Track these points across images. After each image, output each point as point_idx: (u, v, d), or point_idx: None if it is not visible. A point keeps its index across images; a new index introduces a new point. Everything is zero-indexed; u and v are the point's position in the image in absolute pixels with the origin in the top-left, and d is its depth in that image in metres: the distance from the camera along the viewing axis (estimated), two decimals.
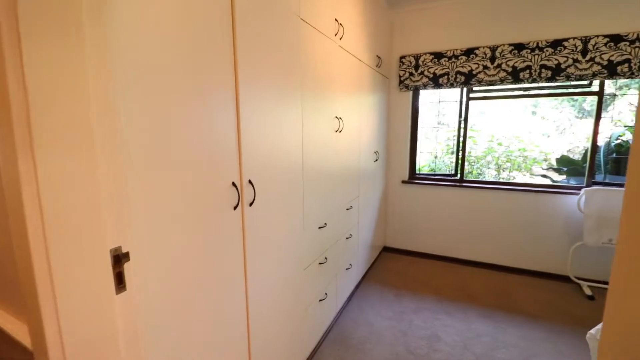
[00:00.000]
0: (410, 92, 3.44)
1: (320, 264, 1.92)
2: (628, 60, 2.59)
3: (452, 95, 3.58)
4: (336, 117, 2.03)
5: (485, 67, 3.02)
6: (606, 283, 2.84)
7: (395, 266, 3.33)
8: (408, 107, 3.47)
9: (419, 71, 3.28)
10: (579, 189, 2.89)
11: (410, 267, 3.31)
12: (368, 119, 2.78)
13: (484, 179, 4.49)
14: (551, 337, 2.17)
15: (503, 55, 2.95)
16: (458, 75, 3.12)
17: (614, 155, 3.71)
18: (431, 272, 3.19)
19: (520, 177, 4.73)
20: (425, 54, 3.23)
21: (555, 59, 2.79)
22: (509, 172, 4.89)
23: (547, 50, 2.80)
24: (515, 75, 2.93)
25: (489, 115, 4.91)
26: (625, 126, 3.84)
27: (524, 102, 4.91)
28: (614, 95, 4.30)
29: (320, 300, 1.97)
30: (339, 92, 2.08)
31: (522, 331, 2.24)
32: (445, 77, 3.17)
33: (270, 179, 1.36)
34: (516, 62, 2.91)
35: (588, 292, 2.72)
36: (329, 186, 2.01)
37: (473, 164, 4.97)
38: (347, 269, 2.44)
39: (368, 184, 2.91)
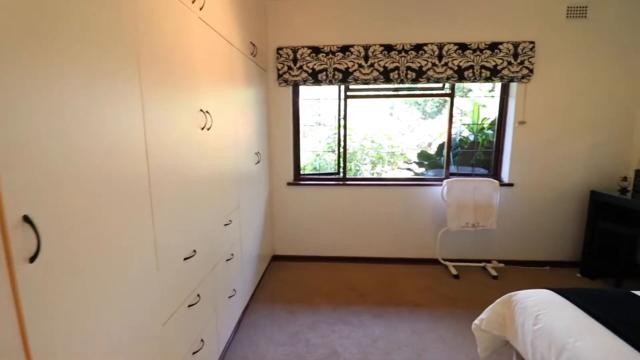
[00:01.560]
0: (291, 88, 3.20)
1: (190, 305, 1.44)
2: (472, 67, 2.98)
3: (328, 93, 3.52)
4: (201, 110, 1.56)
5: (360, 65, 3.03)
6: (465, 261, 3.28)
7: (286, 276, 3.05)
8: (289, 103, 3.22)
9: (298, 65, 3.07)
10: (441, 180, 3.23)
11: (302, 274, 3.09)
12: (245, 116, 2.39)
13: (363, 176, 4.67)
14: (435, 325, 2.27)
15: (375, 55, 3.01)
16: (336, 72, 3.05)
17: (459, 149, 4.40)
18: (323, 276, 3.05)
19: (390, 171, 5.17)
20: (304, 47, 3.04)
21: (418, 62, 3.00)
22: (382, 166, 5.31)
23: (411, 53, 2.99)
24: (386, 75, 3.03)
25: (360, 114, 5.21)
26: (463, 124, 4.60)
27: (387, 103, 5.39)
28: (445, 101, 5.17)
29: (195, 353, 1.49)
30: (205, 79, 1.62)
31: (411, 325, 2.28)
32: (324, 73, 3.05)
33: (81, 204, 0.83)
34: (386, 62, 3.01)
35: (454, 271, 3.06)
36: (197, 200, 1.54)
37: (350, 161, 5.18)
38: (230, 297, 2.01)
39: (250, 190, 2.52)
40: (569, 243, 3.27)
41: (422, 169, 4.96)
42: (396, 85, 3.25)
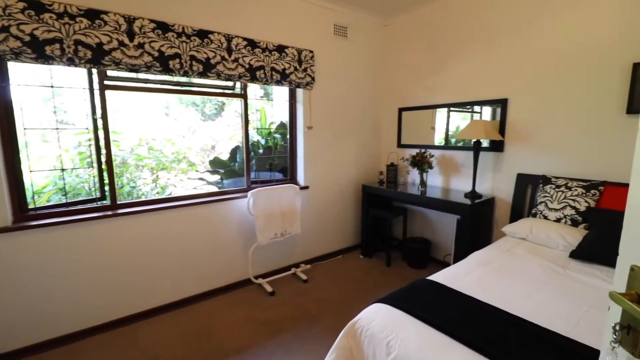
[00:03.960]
0: None
1: None
2: (263, 67, 2.77)
3: (76, 79, 2.34)
4: None
5: (122, 43, 2.14)
6: (276, 272, 3.11)
7: None
8: None
9: None
10: (245, 191, 2.88)
11: None
12: None
13: (144, 198, 3.62)
14: None
15: (145, 33, 2.22)
16: (80, 47, 2.01)
17: (252, 154, 4.23)
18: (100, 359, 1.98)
19: (179, 183, 4.33)
20: None
21: (205, 53, 2.47)
22: (168, 173, 4.35)
23: (195, 40, 2.42)
24: (164, 63, 2.31)
25: (130, 112, 4.03)
26: (254, 128, 4.47)
27: (162, 102, 4.49)
28: (223, 104, 4.99)
29: None
30: None
31: None
32: (58, 45, 1.94)
33: None
34: (163, 45, 2.29)
35: (269, 288, 2.81)
36: None
37: (120, 175, 3.92)
38: None
39: None
40: (352, 230, 3.80)
41: (217, 177, 4.46)
42: (179, 78, 2.58)
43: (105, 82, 2.27)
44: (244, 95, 2.91)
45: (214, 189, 4.07)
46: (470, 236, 2.63)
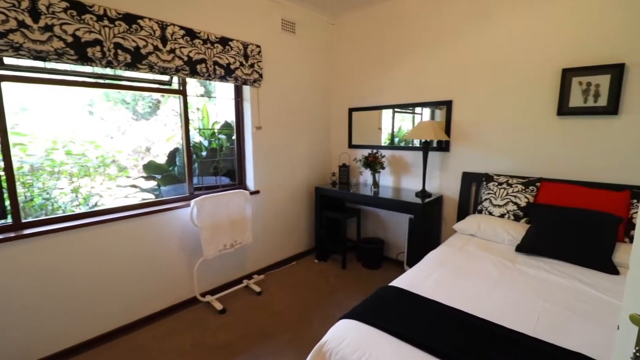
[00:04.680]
0: None
1: None
2: (205, 60, 2.50)
3: None
4: None
5: (23, 24, 1.73)
6: (227, 286, 2.85)
7: None
8: None
9: None
10: (188, 199, 2.58)
11: None
12: None
13: (62, 214, 3.07)
14: None
15: (54, 14, 1.82)
16: None
17: (195, 156, 3.86)
18: None
19: (106, 192, 3.77)
20: None
21: (134, 40, 2.13)
22: (92, 180, 3.76)
23: (121, 25, 2.07)
24: (80, 50, 1.93)
25: (41, 111, 3.40)
26: (195, 129, 4.10)
27: (84, 98, 3.88)
28: (158, 101, 4.54)
29: None
30: None
31: None
32: None
33: None
34: (79, 29, 1.91)
35: (219, 306, 2.54)
36: None
37: (29, 184, 3.27)
38: None
39: None
40: (305, 234, 3.67)
41: (153, 184, 3.99)
42: (101, 70, 2.19)
43: (2, 73, 1.82)
44: (182, 92, 2.60)
45: (151, 197, 3.65)
46: (422, 234, 2.67)
